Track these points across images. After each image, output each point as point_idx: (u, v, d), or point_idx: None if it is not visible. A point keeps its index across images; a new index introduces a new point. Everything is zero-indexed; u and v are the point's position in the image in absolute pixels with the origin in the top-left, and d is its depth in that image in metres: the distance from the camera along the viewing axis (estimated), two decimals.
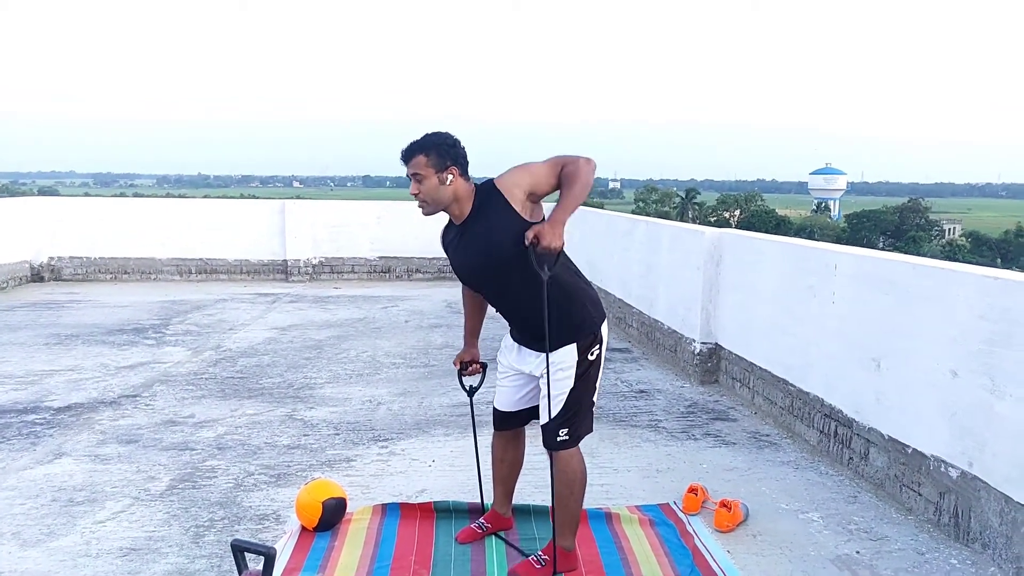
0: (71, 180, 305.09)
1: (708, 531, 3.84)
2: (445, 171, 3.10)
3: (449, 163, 3.11)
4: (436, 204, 3.17)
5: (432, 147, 3.11)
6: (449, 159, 3.11)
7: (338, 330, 8.69)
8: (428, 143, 3.12)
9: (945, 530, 3.79)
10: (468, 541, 3.73)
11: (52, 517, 3.94)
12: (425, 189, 3.12)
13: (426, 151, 3.10)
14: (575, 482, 3.34)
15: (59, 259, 12.24)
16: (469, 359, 3.65)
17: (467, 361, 3.65)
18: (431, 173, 3.10)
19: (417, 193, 3.15)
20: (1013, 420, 3.38)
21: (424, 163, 3.10)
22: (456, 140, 3.18)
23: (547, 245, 2.96)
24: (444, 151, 3.11)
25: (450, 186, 3.12)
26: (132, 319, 9.18)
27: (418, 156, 3.10)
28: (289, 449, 4.92)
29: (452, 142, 3.15)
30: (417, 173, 3.11)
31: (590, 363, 3.26)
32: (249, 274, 12.59)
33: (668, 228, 7.72)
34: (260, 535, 3.77)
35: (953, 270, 3.90)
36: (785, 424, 5.33)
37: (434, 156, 3.10)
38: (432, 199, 3.15)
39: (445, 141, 3.14)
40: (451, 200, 3.16)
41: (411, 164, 3.11)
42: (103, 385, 6.33)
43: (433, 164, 3.10)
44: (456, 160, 3.13)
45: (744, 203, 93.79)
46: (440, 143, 3.13)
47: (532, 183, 3.10)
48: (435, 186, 3.11)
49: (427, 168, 3.10)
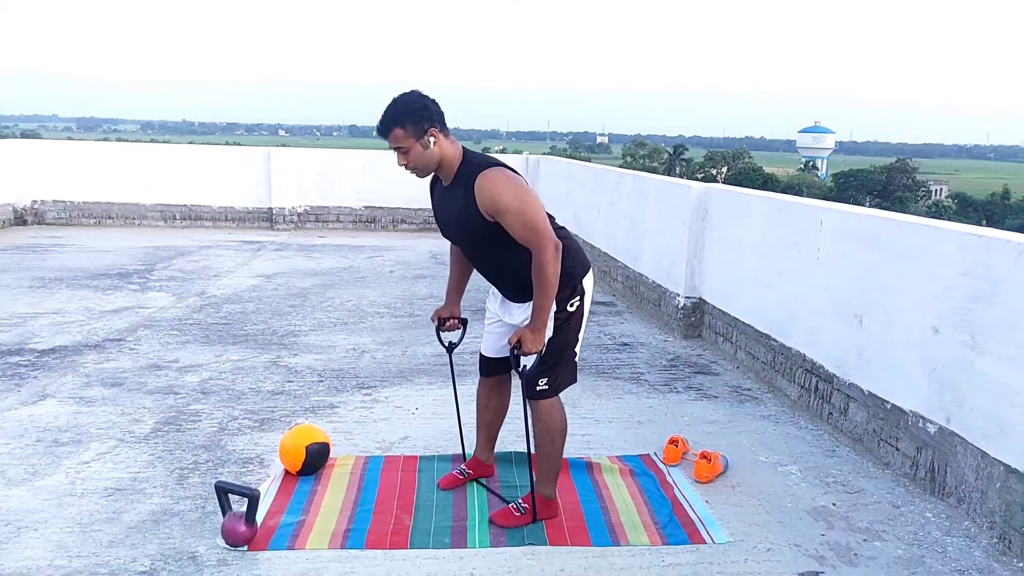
0: (54, 124, 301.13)
1: (688, 482, 3.89)
2: (425, 135, 3.06)
3: (427, 126, 3.06)
4: (427, 169, 3.18)
5: (406, 117, 3.05)
6: (426, 122, 3.06)
7: (323, 279, 8.67)
8: (400, 115, 3.05)
9: (921, 484, 3.85)
10: (449, 487, 3.77)
11: (37, 457, 3.95)
12: (411, 159, 3.10)
13: (401, 123, 3.04)
14: (555, 431, 3.37)
15: (42, 203, 12.12)
16: (448, 315, 3.65)
17: (445, 317, 3.66)
18: (412, 143, 3.06)
19: (405, 164, 3.13)
20: (992, 376, 3.42)
21: (402, 135, 3.05)
22: (426, 100, 3.10)
23: (528, 351, 3.13)
24: (418, 117, 3.05)
25: (435, 147, 3.10)
26: (116, 264, 9.13)
27: (395, 130, 3.05)
28: (273, 395, 4.94)
29: (423, 104, 3.08)
30: (399, 146, 3.08)
31: (569, 314, 3.26)
32: (234, 221, 12.51)
33: (655, 182, 7.70)
34: (244, 478, 3.80)
35: (936, 227, 3.91)
36: (767, 379, 5.38)
37: (410, 126, 3.04)
38: (421, 166, 3.14)
39: (415, 106, 3.07)
40: (439, 161, 3.15)
41: (390, 139, 3.07)
42: (87, 329, 6.31)
43: (412, 134, 3.05)
44: (432, 120, 3.08)
45: (732, 160, 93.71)
46: (411, 111, 3.06)
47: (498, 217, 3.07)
48: (420, 153, 3.09)
49: (407, 139, 3.06)
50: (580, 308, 3.30)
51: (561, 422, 3.39)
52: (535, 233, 3.05)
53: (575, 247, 3.34)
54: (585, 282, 3.32)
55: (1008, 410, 3.32)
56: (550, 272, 3.05)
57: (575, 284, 3.27)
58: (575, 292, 3.27)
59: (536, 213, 3.08)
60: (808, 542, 3.34)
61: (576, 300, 3.27)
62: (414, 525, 3.41)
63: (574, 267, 3.26)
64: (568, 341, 3.31)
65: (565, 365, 3.35)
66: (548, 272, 3.05)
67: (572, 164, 11.57)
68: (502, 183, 3.07)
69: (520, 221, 3.06)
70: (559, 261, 3.07)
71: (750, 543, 3.33)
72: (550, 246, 3.04)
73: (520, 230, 3.07)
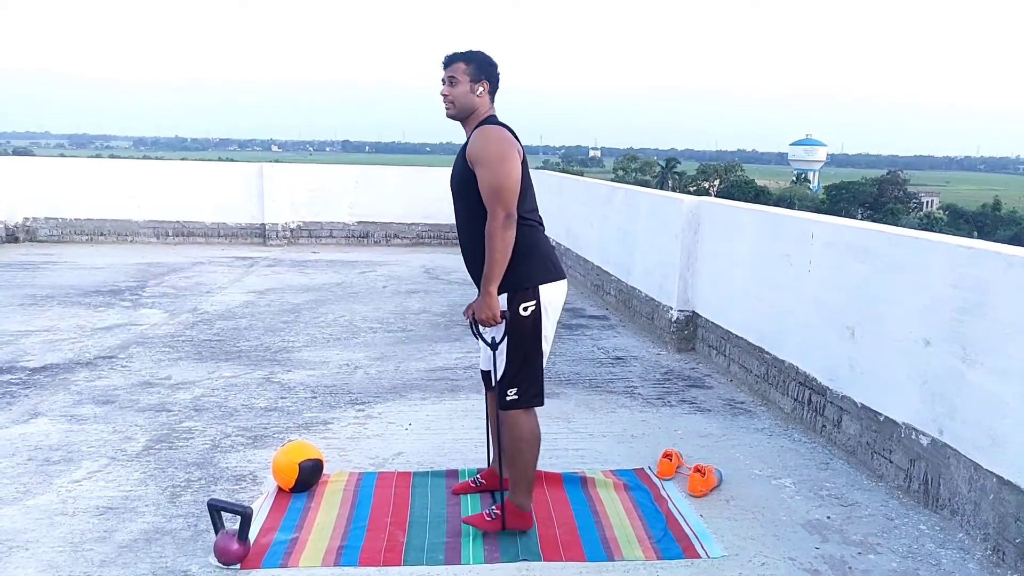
0: (46, 141, 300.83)
1: (682, 495, 3.88)
2: (478, 83, 3.32)
3: (483, 77, 3.33)
4: (461, 110, 3.35)
5: (474, 59, 3.33)
6: (484, 75, 3.33)
7: (316, 294, 8.66)
8: (472, 55, 3.34)
9: (915, 496, 3.85)
10: (462, 493, 3.82)
11: (28, 476, 3.93)
12: (456, 93, 3.32)
13: (468, 60, 3.32)
14: (522, 441, 3.36)
15: (34, 220, 12.10)
16: None
17: None
18: (466, 80, 3.32)
19: (447, 94, 3.34)
20: (983, 388, 3.43)
21: (463, 69, 3.32)
22: (496, 63, 3.39)
23: (482, 319, 3.25)
24: (483, 66, 3.34)
25: (478, 97, 3.33)
26: (108, 281, 9.11)
27: (459, 63, 3.32)
28: (266, 411, 4.93)
29: (492, 63, 3.38)
30: (453, 77, 3.32)
31: (522, 318, 3.25)
32: (227, 237, 12.50)
33: (647, 196, 7.72)
34: (237, 496, 3.78)
35: (927, 239, 3.93)
36: (760, 391, 5.38)
37: (474, 67, 3.32)
38: (459, 103, 3.34)
39: (487, 60, 3.36)
40: (472, 111, 3.35)
41: (450, 68, 3.33)
42: (79, 346, 6.29)
43: (470, 73, 3.31)
44: (490, 78, 3.35)
45: (724, 173, 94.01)
46: (483, 59, 3.35)
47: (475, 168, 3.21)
48: (465, 92, 3.32)
49: (464, 75, 3.32)
50: (536, 314, 3.27)
51: (529, 432, 3.37)
52: (493, 195, 3.16)
53: (544, 252, 3.34)
54: (544, 289, 3.28)
55: (1000, 421, 3.33)
56: (497, 239, 3.15)
57: (528, 287, 3.25)
58: (528, 295, 3.25)
59: (504, 178, 3.17)
60: (802, 555, 3.34)
61: (531, 305, 3.25)
62: (408, 542, 3.40)
63: (532, 270, 3.27)
64: (528, 346, 3.29)
65: (537, 377, 3.34)
66: (495, 238, 3.15)
67: (564, 178, 11.60)
68: (490, 137, 3.25)
69: (488, 177, 3.18)
70: (509, 230, 3.16)
71: (745, 557, 3.32)
72: (501, 213, 3.15)
73: (485, 187, 3.18)
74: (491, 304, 3.21)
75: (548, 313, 3.32)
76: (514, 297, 3.24)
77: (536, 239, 3.33)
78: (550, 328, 3.37)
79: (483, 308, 3.23)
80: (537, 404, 3.38)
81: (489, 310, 3.22)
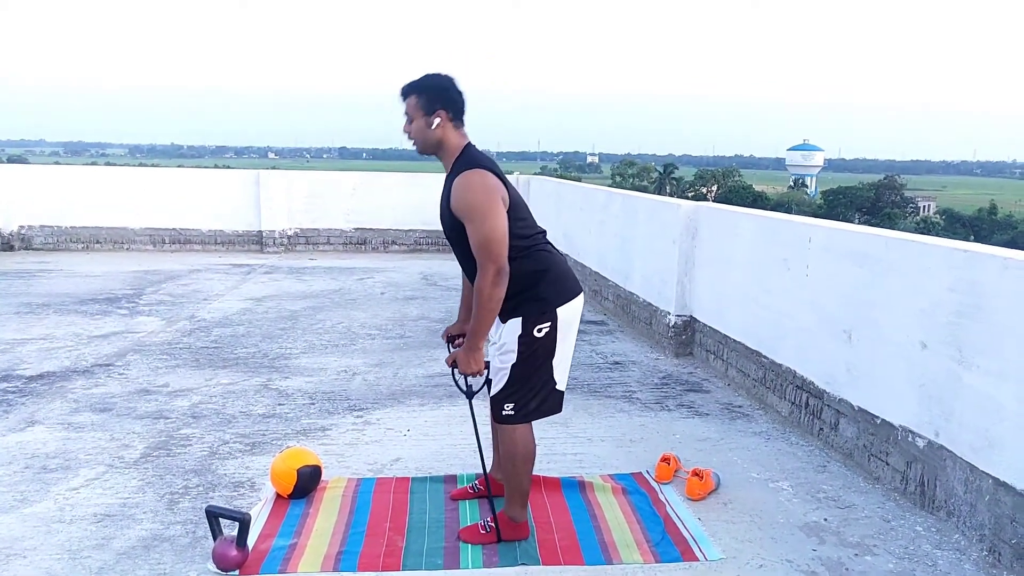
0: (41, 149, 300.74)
1: (680, 499, 3.89)
2: (433, 115, 3.17)
3: (438, 107, 3.17)
4: (423, 145, 3.25)
5: (424, 90, 3.18)
6: (439, 103, 3.17)
7: (313, 301, 8.66)
8: (421, 85, 3.19)
9: (911, 498, 3.86)
10: (460, 498, 3.82)
11: (25, 484, 3.93)
12: (412, 129, 3.22)
13: (418, 92, 3.18)
14: (516, 456, 3.33)
15: (30, 228, 12.10)
16: (457, 332, 3.60)
17: (455, 335, 3.61)
18: (419, 115, 3.18)
19: (407, 132, 3.24)
20: (979, 390, 3.44)
21: (414, 104, 3.18)
22: (450, 84, 3.22)
23: (464, 371, 3.20)
24: (435, 95, 3.17)
25: (437, 130, 3.19)
26: (105, 289, 9.10)
27: (410, 96, 3.19)
28: (264, 418, 4.93)
29: (445, 86, 3.21)
30: (408, 113, 3.21)
31: (537, 339, 3.19)
32: (224, 245, 12.50)
33: (644, 201, 7.74)
34: (235, 502, 3.78)
35: (923, 243, 3.94)
36: (757, 395, 5.39)
37: (424, 99, 3.17)
38: (419, 139, 3.24)
39: (438, 85, 3.20)
40: (437, 145, 3.22)
41: (405, 103, 3.21)
42: (76, 354, 6.29)
43: (422, 106, 3.17)
44: (446, 105, 3.18)
45: (722, 178, 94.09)
46: (433, 86, 3.19)
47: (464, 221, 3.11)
48: (421, 128, 3.20)
49: (416, 110, 3.18)
50: (551, 336, 3.21)
51: (523, 448, 3.33)
52: (483, 251, 3.04)
53: (558, 271, 3.27)
54: (561, 311, 3.22)
55: (996, 423, 3.34)
56: (485, 295, 3.03)
57: (546, 309, 3.19)
58: (544, 317, 3.19)
59: (492, 233, 3.03)
60: (800, 557, 3.34)
61: (545, 326, 3.19)
62: (407, 547, 3.40)
63: (549, 291, 3.21)
64: (536, 367, 3.24)
65: (536, 393, 3.28)
66: (484, 295, 3.04)
67: (562, 184, 11.62)
68: (473, 189, 3.09)
69: (474, 234, 3.07)
70: (500, 286, 3.03)
71: (742, 560, 3.33)
72: (491, 269, 3.02)
73: (473, 242, 3.08)
74: (477, 359, 3.18)
75: (565, 332, 3.25)
76: (528, 319, 3.18)
77: (547, 262, 3.25)
78: (570, 342, 3.31)
79: (467, 363, 3.18)
80: (536, 418, 3.33)
81: (475, 365, 3.18)
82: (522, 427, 3.33)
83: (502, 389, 3.27)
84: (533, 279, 3.19)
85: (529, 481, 3.43)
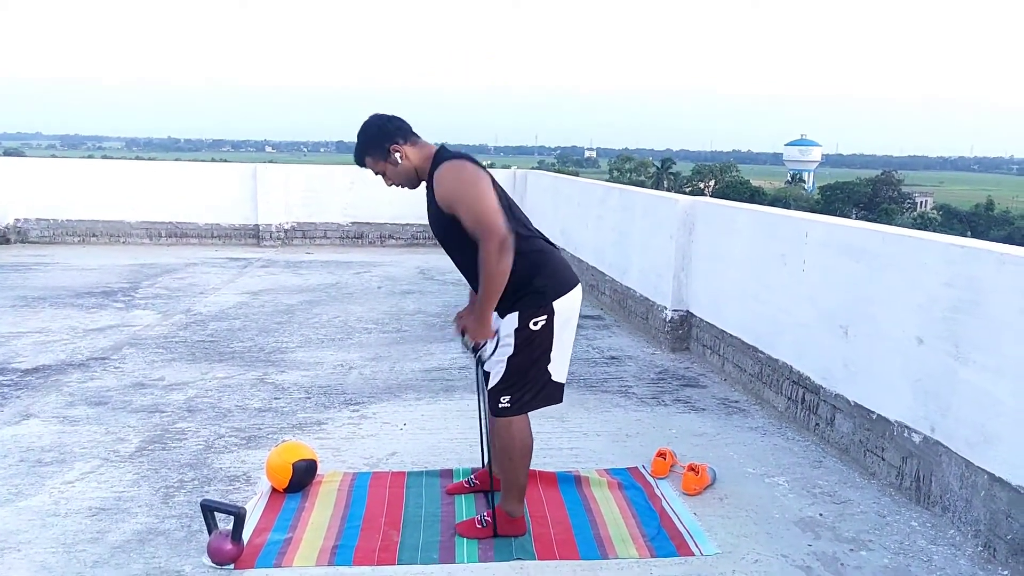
0: (37, 142, 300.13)
1: (676, 494, 3.89)
2: (391, 155, 3.25)
3: (388, 145, 3.25)
4: (408, 181, 3.33)
5: (368, 146, 3.28)
6: (386, 142, 3.25)
7: (310, 295, 8.65)
8: (364, 146, 3.29)
9: (907, 494, 3.86)
10: (456, 493, 3.82)
11: (20, 477, 3.92)
12: (391, 178, 3.33)
13: (367, 153, 3.29)
14: (511, 449, 3.33)
15: (25, 221, 12.06)
16: None
17: None
18: (384, 165, 3.29)
19: (391, 183, 3.36)
20: (975, 386, 3.44)
21: (373, 162, 3.30)
22: (380, 121, 3.30)
23: (474, 338, 3.25)
24: (378, 140, 3.26)
25: (405, 161, 3.27)
26: (101, 282, 9.09)
27: (365, 160, 3.31)
28: (260, 412, 4.92)
29: (378, 126, 3.29)
30: (376, 172, 3.33)
31: (533, 332, 3.19)
32: (220, 238, 12.48)
33: (642, 196, 7.73)
34: (230, 496, 3.77)
35: (921, 238, 3.94)
36: (754, 390, 5.39)
37: (374, 152, 3.28)
38: (402, 180, 3.33)
39: (373, 131, 3.28)
40: (415, 171, 3.30)
41: (367, 168, 3.33)
42: (71, 347, 6.28)
43: (379, 157, 3.27)
44: (393, 138, 3.26)
45: (719, 173, 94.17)
46: (371, 136, 3.27)
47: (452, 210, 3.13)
48: (395, 171, 3.29)
49: (377, 164, 3.29)
50: (548, 329, 3.21)
51: (519, 441, 3.33)
52: (481, 224, 3.05)
53: (554, 265, 3.28)
54: (558, 303, 3.21)
55: (991, 419, 3.34)
56: (492, 263, 3.03)
57: (543, 303, 3.19)
58: (541, 310, 3.19)
59: (483, 204, 3.07)
60: (795, 552, 3.35)
61: (541, 319, 3.19)
62: (402, 541, 3.40)
63: (545, 284, 3.21)
64: (533, 360, 3.24)
65: (533, 385, 3.28)
66: (491, 263, 3.04)
67: (559, 178, 11.60)
68: (452, 174, 3.15)
69: (467, 212, 3.09)
70: (505, 255, 3.04)
71: (738, 554, 3.33)
72: (494, 239, 3.02)
73: (469, 222, 3.09)
74: (486, 326, 3.20)
75: (563, 323, 3.25)
76: (524, 313, 3.19)
77: (542, 256, 3.25)
78: (569, 335, 3.31)
79: (476, 330, 3.21)
80: (533, 408, 3.34)
81: (484, 332, 3.21)
82: (519, 421, 3.33)
83: (499, 382, 3.27)
84: (529, 274, 3.18)
85: (526, 476, 3.43)
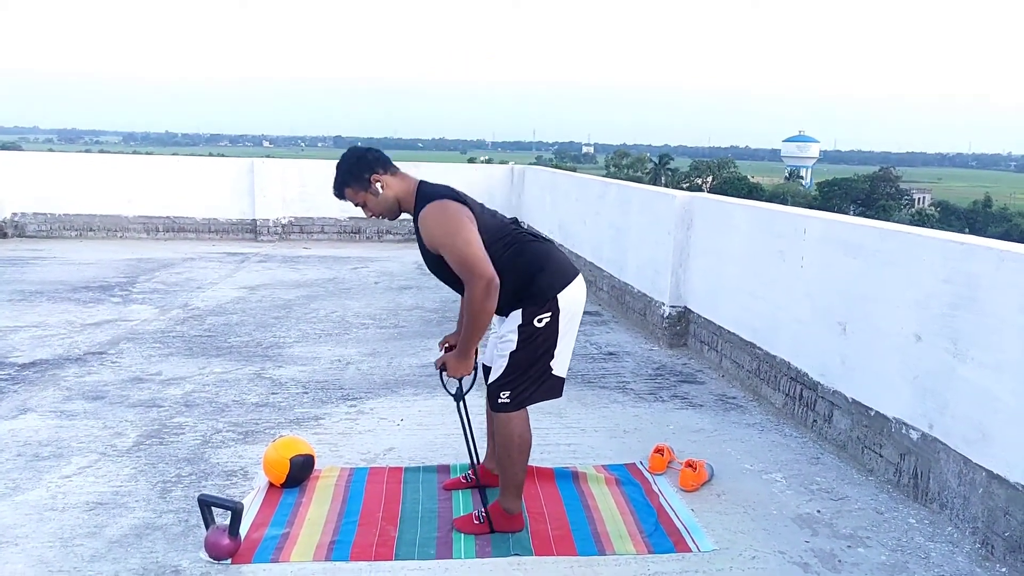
0: (34, 136, 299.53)
1: (673, 490, 3.89)
2: (372, 185, 3.26)
3: (368, 175, 3.26)
4: (388, 210, 3.33)
5: (348, 176, 3.27)
6: (366, 172, 3.26)
7: (307, 290, 8.65)
8: (343, 176, 3.28)
9: (904, 490, 3.86)
10: (453, 488, 3.82)
11: (17, 471, 3.91)
12: (371, 209, 3.32)
13: (347, 183, 3.28)
14: (511, 445, 3.33)
15: (23, 215, 12.04)
16: (455, 342, 3.55)
17: (453, 345, 3.57)
18: (364, 196, 3.28)
19: (372, 214, 3.34)
20: (973, 383, 3.44)
21: (353, 193, 3.29)
22: (359, 153, 3.32)
23: (452, 374, 3.27)
24: (357, 172, 3.26)
25: (386, 190, 3.27)
26: (98, 276, 9.07)
27: (346, 191, 3.30)
28: (257, 407, 4.91)
29: (358, 156, 3.30)
30: (356, 203, 3.31)
31: (536, 329, 3.21)
32: (218, 233, 12.46)
33: (639, 192, 7.73)
34: (228, 491, 3.77)
35: (919, 235, 3.93)
36: (751, 387, 5.39)
37: (354, 182, 3.27)
38: (383, 211, 3.32)
39: (352, 163, 3.28)
40: (396, 202, 3.30)
41: (346, 199, 3.32)
42: (69, 342, 6.27)
43: (360, 188, 3.27)
44: (373, 168, 3.27)
45: (717, 169, 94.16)
46: (350, 168, 3.27)
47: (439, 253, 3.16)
48: (375, 202, 3.29)
49: (358, 194, 3.29)
50: (552, 325, 3.23)
51: (519, 437, 3.34)
52: (465, 268, 3.08)
53: (553, 260, 3.30)
54: (562, 297, 3.23)
55: (989, 416, 3.34)
56: (477, 304, 3.05)
57: (547, 300, 3.21)
58: (545, 308, 3.21)
59: (468, 250, 3.07)
60: (793, 549, 3.35)
61: (546, 316, 3.21)
62: (399, 536, 3.39)
63: (551, 282, 3.22)
64: (536, 356, 3.26)
65: (533, 381, 3.29)
66: (475, 304, 3.06)
67: (557, 174, 11.59)
68: (434, 218, 3.15)
69: (452, 256, 3.11)
70: (490, 297, 3.05)
71: (735, 551, 3.33)
72: (480, 283, 3.03)
73: (454, 266, 3.12)
74: (466, 365, 3.25)
75: (567, 317, 3.27)
76: (528, 310, 3.21)
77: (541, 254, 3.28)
78: (573, 327, 3.33)
79: (456, 368, 3.26)
80: (533, 403, 3.35)
81: (463, 370, 3.26)
82: (518, 417, 3.33)
83: (499, 377, 3.28)
84: (530, 272, 3.21)
85: (524, 472, 3.43)
